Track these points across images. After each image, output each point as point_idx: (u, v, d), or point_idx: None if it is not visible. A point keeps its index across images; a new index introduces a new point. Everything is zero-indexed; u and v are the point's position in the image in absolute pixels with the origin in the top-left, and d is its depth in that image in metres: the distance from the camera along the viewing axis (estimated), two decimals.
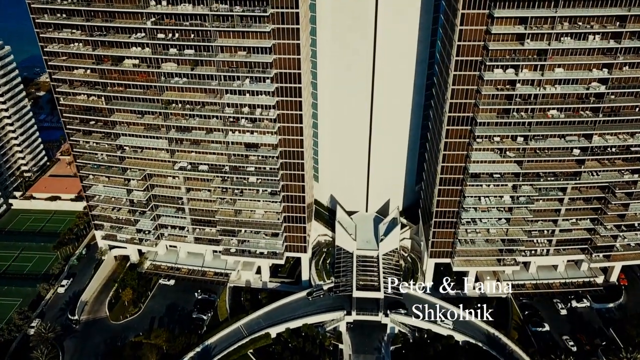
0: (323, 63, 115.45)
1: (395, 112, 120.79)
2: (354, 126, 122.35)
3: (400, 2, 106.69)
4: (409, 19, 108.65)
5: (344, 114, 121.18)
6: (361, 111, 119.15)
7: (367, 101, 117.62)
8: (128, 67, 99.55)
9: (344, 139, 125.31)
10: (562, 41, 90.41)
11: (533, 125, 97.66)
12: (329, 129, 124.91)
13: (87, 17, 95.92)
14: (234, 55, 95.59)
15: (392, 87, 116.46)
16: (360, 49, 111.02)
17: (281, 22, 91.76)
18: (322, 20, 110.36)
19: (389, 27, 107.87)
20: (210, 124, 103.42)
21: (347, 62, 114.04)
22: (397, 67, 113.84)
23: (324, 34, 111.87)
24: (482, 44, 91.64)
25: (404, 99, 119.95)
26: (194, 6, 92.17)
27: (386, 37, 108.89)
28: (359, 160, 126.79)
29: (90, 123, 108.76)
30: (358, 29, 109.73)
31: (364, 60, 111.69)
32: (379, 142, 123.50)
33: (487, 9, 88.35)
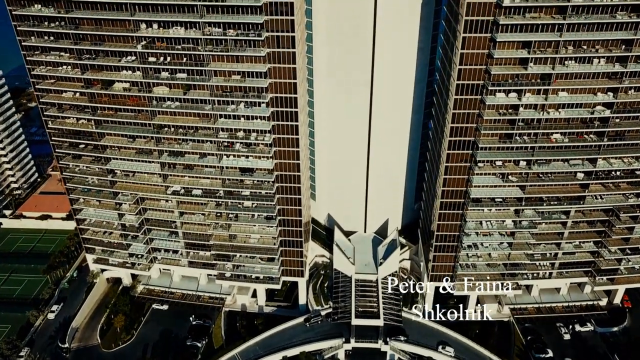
0: (320, 81, 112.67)
1: (393, 130, 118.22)
2: (352, 145, 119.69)
3: (398, 20, 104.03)
4: (408, 37, 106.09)
5: (341, 132, 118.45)
6: (359, 130, 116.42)
7: (365, 119, 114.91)
8: (118, 90, 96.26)
9: (341, 158, 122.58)
10: (567, 65, 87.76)
11: (536, 149, 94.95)
12: (327, 147, 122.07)
13: (75, 40, 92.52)
14: (228, 80, 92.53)
15: (390, 105, 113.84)
16: (358, 67, 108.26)
17: (277, 45, 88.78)
18: (318, 39, 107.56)
19: (387, 47, 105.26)
20: (203, 148, 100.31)
21: (345, 82, 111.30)
22: (396, 86, 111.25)
23: (321, 53, 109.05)
24: (483, 68, 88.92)
25: (402, 117, 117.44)
26: (186, 29, 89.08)
27: (384, 57, 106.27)
28: (357, 179, 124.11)
29: (80, 146, 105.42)
30: (355, 48, 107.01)
31: (362, 78, 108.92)
32: (378, 161, 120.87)
33: (489, 33, 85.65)
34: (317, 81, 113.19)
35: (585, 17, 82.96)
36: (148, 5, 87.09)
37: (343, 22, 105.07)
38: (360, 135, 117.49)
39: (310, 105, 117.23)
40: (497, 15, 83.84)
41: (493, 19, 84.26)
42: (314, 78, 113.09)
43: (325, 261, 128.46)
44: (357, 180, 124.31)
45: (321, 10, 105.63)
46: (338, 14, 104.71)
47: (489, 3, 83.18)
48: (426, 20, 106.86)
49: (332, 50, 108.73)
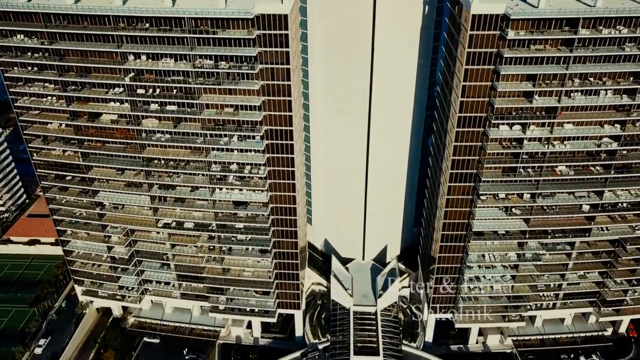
0: (316, 103, 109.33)
1: (392, 153, 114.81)
2: (350, 168, 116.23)
3: (396, 47, 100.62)
4: (407, 60, 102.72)
5: (339, 155, 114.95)
6: (357, 152, 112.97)
7: (362, 142, 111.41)
8: (105, 123, 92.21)
9: (339, 181, 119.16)
10: (573, 97, 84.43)
11: (541, 182, 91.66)
12: (323, 171, 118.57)
13: (60, 71, 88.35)
14: (220, 112, 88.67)
15: (389, 129, 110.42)
16: (356, 90, 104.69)
17: (271, 78, 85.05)
18: (315, 62, 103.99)
19: (385, 70, 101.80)
20: (195, 181, 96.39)
21: (342, 104, 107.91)
22: (394, 109, 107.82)
23: (317, 75, 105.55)
24: (486, 100, 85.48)
25: (401, 140, 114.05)
26: (176, 61, 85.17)
27: (382, 79, 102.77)
28: (355, 204, 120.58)
29: (67, 178, 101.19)
30: (353, 71, 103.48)
31: (360, 101, 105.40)
32: (376, 185, 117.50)
33: (492, 65, 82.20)
34: (313, 103, 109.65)
35: (593, 50, 79.62)
36: (136, 37, 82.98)
37: (340, 44, 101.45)
38: (358, 159, 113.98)
39: (306, 129, 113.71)
40: (501, 47, 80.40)
41: (497, 50, 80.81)
42: (310, 100, 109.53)
43: (322, 290, 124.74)
44: (355, 205, 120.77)
45: (317, 33, 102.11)
46: (334, 37, 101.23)
47: (492, 35, 79.75)
48: (425, 44, 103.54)
49: (329, 73, 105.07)
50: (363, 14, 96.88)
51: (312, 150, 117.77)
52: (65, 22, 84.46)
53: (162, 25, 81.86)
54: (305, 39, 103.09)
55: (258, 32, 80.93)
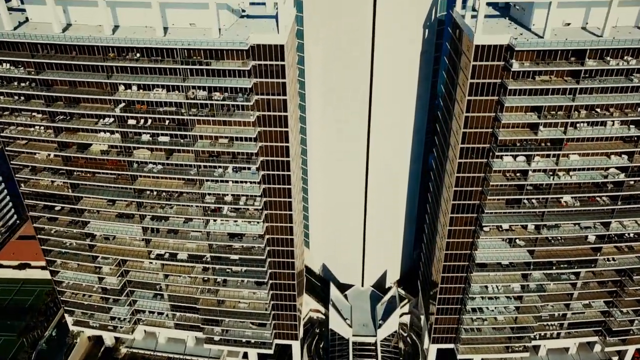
0: (314, 125, 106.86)
1: (392, 180, 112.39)
2: (349, 192, 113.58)
3: (396, 74, 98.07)
4: (407, 84, 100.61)
5: (337, 178, 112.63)
6: (356, 177, 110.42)
7: (362, 167, 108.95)
8: (95, 153, 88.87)
9: (337, 205, 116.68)
10: (579, 129, 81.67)
11: (545, 213, 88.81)
12: (321, 194, 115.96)
13: (48, 102, 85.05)
14: (214, 144, 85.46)
15: (388, 154, 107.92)
16: (354, 114, 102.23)
17: (267, 109, 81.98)
18: (312, 85, 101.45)
19: (385, 94, 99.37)
20: (189, 212, 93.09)
21: (341, 127, 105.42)
22: (393, 134, 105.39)
23: (314, 98, 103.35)
24: (490, 131, 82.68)
25: (401, 166, 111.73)
26: (168, 92, 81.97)
27: (381, 103, 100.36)
28: (354, 229, 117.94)
29: (56, 209, 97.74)
30: (351, 94, 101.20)
31: (359, 126, 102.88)
32: (376, 210, 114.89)
33: (496, 96, 79.43)
34: (311, 124, 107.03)
35: (600, 81, 76.89)
36: (126, 67, 79.82)
37: (337, 70, 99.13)
38: (357, 182, 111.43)
39: (304, 152, 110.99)
40: (505, 78, 77.63)
41: (500, 81, 78.06)
42: (307, 123, 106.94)
43: (320, 317, 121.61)
44: (354, 230, 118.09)
45: (315, 59, 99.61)
46: (332, 61, 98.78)
47: (496, 66, 77.01)
48: (425, 68, 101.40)
49: (326, 98, 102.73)
50: (362, 38, 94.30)
51: (310, 174, 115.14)
52: (53, 52, 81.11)
53: (153, 55, 78.73)
54: (302, 61, 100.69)
55: (253, 62, 77.96)
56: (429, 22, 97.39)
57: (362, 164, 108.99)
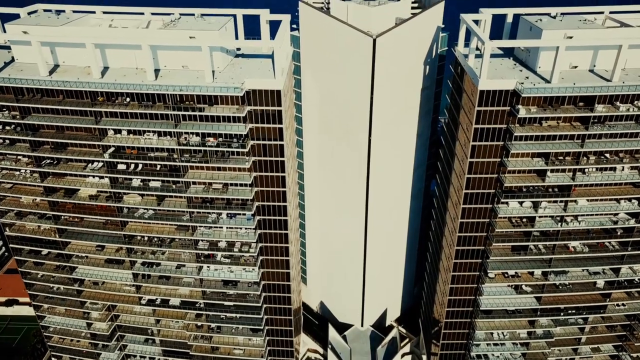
0: (311, 166, 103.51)
1: (391, 215, 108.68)
2: (347, 230, 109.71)
3: (395, 118, 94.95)
4: (406, 118, 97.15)
5: (336, 217, 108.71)
6: (355, 214, 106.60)
7: (361, 205, 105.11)
8: (84, 199, 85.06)
9: (336, 243, 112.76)
10: (588, 174, 78.50)
11: (553, 260, 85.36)
12: (320, 232, 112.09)
13: (34, 146, 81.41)
14: (208, 189, 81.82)
15: (388, 193, 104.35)
16: (353, 155, 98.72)
17: (263, 154, 78.60)
18: (310, 129, 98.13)
19: (385, 136, 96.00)
20: (181, 258, 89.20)
21: (339, 169, 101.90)
22: (393, 172, 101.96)
23: (312, 141, 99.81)
24: (495, 177, 79.42)
25: (401, 202, 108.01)
26: (159, 137, 78.44)
27: (380, 138, 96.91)
28: (353, 267, 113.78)
29: (43, 253, 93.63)
30: (350, 138, 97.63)
31: (358, 166, 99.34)
32: (375, 247, 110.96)
33: (501, 141, 76.28)
34: (309, 162, 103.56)
35: (609, 127, 73.91)
36: (115, 112, 76.34)
37: (337, 103, 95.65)
38: (356, 218, 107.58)
39: (301, 187, 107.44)
40: (511, 123, 74.55)
41: (506, 126, 74.96)
42: (304, 159, 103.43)
43: (318, 358, 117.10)
44: (353, 268, 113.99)
45: (312, 93, 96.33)
46: (331, 96, 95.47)
47: (501, 111, 73.95)
48: (425, 105, 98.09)
49: (324, 135, 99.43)
50: (361, 76, 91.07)
51: (307, 209, 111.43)
52: (39, 95, 77.68)
53: (144, 100, 75.32)
54: (299, 99, 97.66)
55: (249, 107, 74.65)
56: (429, 58, 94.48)
57: (362, 200, 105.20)
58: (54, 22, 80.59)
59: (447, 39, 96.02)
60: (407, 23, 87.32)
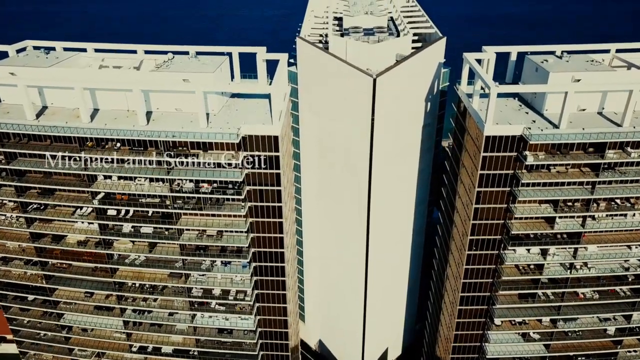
0: (310, 203, 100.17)
1: (393, 251, 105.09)
2: (348, 267, 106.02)
3: (396, 139, 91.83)
4: (407, 156, 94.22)
5: (335, 254, 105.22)
6: (356, 250, 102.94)
7: (362, 241, 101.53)
8: (72, 245, 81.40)
9: (335, 280, 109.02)
10: (598, 221, 75.40)
11: (562, 307, 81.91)
12: (318, 269, 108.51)
13: (20, 191, 77.90)
14: (201, 236, 78.28)
15: (389, 227, 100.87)
16: (353, 195, 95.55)
17: (260, 200, 75.28)
18: (308, 166, 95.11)
19: (384, 164, 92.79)
20: (174, 305, 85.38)
21: (338, 207, 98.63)
22: (394, 207, 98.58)
23: (310, 178, 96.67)
24: (501, 222, 76.25)
25: (402, 238, 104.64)
26: (151, 183, 75.10)
27: (380, 176, 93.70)
28: (353, 304, 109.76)
29: (29, 299, 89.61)
30: (350, 175, 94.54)
31: (358, 197, 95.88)
32: (376, 284, 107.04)
33: (508, 187, 73.24)
34: (306, 197, 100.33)
35: (620, 173, 70.99)
36: (104, 158, 73.04)
37: (335, 140, 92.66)
38: (357, 254, 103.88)
39: (299, 223, 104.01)
40: (518, 169, 71.55)
41: (513, 172, 71.97)
42: (302, 194, 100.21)
43: None
44: (353, 304, 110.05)
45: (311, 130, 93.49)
46: (330, 133, 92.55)
47: (508, 157, 70.99)
48: (427, 142, 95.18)
49: (323, 172, 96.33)
50: (361, 113, 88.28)
51: (305, 245, 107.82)
52: (25, 140, 74.42)
53: (135, 145, 72.11)
54: (297, 134, 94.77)
55: (245, 153, 71.51)
56: (431, 95, 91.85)
57: (362, 238, 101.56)
58: (42, 63, 77.68)
59: (448, 74, 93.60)
60: (408, 61, 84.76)
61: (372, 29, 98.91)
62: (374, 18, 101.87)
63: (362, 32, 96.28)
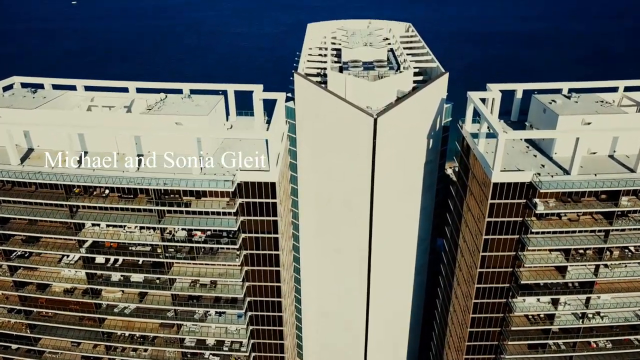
0: (308, 242, 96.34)
1: (394, 296, 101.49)
2: (348, 304, 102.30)
3: (398, 177, 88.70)
4: (409, 193, 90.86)
5: (335, 291, 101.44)
6: (356, 298, 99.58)
7: (363, 291, 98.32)
8: (58, 294, 77.23)
9: (335, 327, 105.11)
10: (611, 269, 71.89)
11: (574, 357, 78.00)
12: (317, 305, 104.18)
13: (3, 239, 73.90)
14: (194, 285, 74.27)
15: (390, 273, 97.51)
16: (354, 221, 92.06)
17: (256, 248, 71.53)
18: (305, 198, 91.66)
19: (385, 201, 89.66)
20: (165, 356, 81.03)
21: (338, 246, 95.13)
22: (396, 244, 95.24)
23: (309, 219, 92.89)
24: (510, 270, 72.66)
25: (405, 276, 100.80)
26: (141, 230, 71.28)
27: (382, 213, 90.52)
28: (353, 343, 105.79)
29: (12, 348, 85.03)
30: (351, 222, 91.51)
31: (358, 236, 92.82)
32: (377, 331, 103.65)
33: (516, 234, 69.78)
34: (305, 243, 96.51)
35: (635, 221, 67.65)
36: (92, 206, 69.34)
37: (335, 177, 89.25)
38: (357, 299, 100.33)
39: (296, 260, 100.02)
40: (527, 216, 68.14)
41: (522, 219, 68.55)
42: (301, 240, 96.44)
43: None
44: (353, 349, 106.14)
45: (310, 175, 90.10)
46: (329, 180, 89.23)
47: (517, 204, 67.61)
48: (429, 179, 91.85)
49: (322, 216, 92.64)
50: (361, 154, 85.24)
51: (303, 284, 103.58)
52: (9, 185, 70.62)
53: (125, 192, 68.43)
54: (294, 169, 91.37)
55: (241, 200, 67.89)
56: (433, 131, 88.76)
57: (364, 278, 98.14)
58: (28, 104, 74.29)
59: (451, 109, 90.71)
60: (410, 99, 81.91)
61: (371, 63, 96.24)
62: (373, 50, 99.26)
63: (361, 67, 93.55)
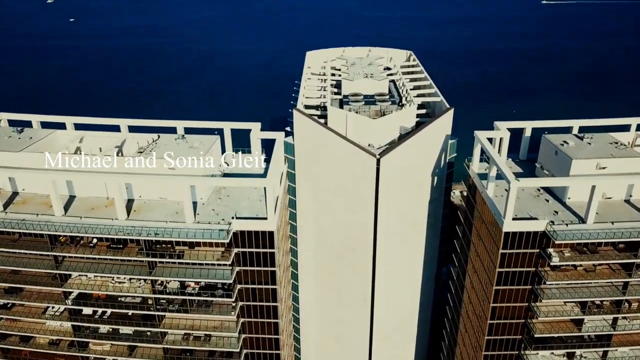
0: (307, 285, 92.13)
1: (397, 341, 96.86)
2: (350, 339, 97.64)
3: (401, 217, 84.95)
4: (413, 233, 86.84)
5: (336, 347, 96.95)
6: (358, 344, 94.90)
7: (365, 335, 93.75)
8: (42, 346, 72.67)
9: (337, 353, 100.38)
10: (630, 320, 67.88)
11: None
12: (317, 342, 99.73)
13: None
14: (187, 339, 69.87)
15: (393, 316, 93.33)
16: (356, 277, 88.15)
17: (253, 299, 67.37)
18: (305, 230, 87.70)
19: (389, 242, 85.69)
20: None
21: (339, 290, 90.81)
22: (399, 291, 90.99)
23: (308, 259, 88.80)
24: (522, 322, 68.55)
25: (409, 317, 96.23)
26: (131, 281, 67.08)
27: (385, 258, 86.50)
28: None
29: None
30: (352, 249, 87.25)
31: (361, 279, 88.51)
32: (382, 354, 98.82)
33: (529, 285, 65.83)
34: (304, 285, 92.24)
35: None
36: (79, 256, 65.22)
37: (337, 229, 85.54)
38: (359, 345, 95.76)
39: (295, 299, 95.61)
40: (541, 266, 64.29)
41: (535, 269, 64.68)
42: (300, 281, 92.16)
43: None
44: None
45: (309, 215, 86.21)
46: (330, 221, 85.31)
47: (529, 253, 63.80)
48: (434, 217, 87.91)
49: (322, 259, 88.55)
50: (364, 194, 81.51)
51: (302, 325, 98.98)
52: None
53: (113, 242, 64.39)
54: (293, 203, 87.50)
55: (237, 250, 63.88)
56: (437, 169, 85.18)
57: (366, 322, 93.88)
58: (13, 146, 70.68)
59: (455, 145, 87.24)
60: (413, 138, 78.47)
61: (372, 96, 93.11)
62: (374, 83, 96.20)
63: (362, 101, 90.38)
